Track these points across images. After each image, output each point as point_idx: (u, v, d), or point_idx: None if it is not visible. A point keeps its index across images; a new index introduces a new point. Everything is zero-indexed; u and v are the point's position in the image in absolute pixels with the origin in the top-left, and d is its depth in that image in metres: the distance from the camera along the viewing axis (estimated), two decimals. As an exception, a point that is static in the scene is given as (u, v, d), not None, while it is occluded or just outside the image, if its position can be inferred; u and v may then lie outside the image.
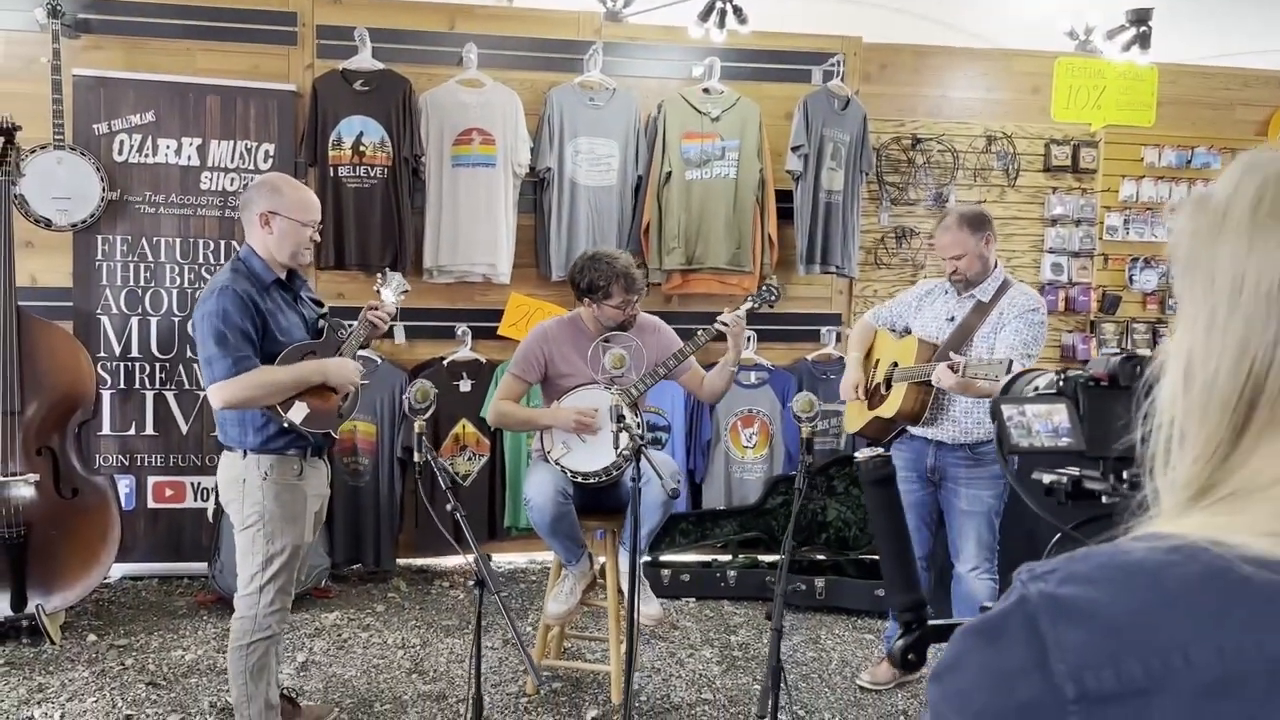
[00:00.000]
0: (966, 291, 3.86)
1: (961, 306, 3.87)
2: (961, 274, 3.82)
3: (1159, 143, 6.14)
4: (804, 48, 5.62)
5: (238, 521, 3.21)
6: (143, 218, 4.93)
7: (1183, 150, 6.17)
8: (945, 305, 3.92)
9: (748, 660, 4.40)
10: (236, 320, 3.07)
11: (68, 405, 4.38)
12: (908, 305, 4.09)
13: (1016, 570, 0.84)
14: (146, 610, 4.75)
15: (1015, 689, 0.77)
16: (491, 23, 5.35)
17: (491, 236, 5.22)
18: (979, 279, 3.84)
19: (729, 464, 5.49)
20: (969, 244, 3.79)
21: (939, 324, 3.89)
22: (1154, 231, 6.23)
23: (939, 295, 3.99)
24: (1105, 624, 0.74)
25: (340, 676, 4.12)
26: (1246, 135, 6.31)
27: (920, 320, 3.98)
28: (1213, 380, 0.81)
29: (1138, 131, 6.09)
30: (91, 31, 4.95)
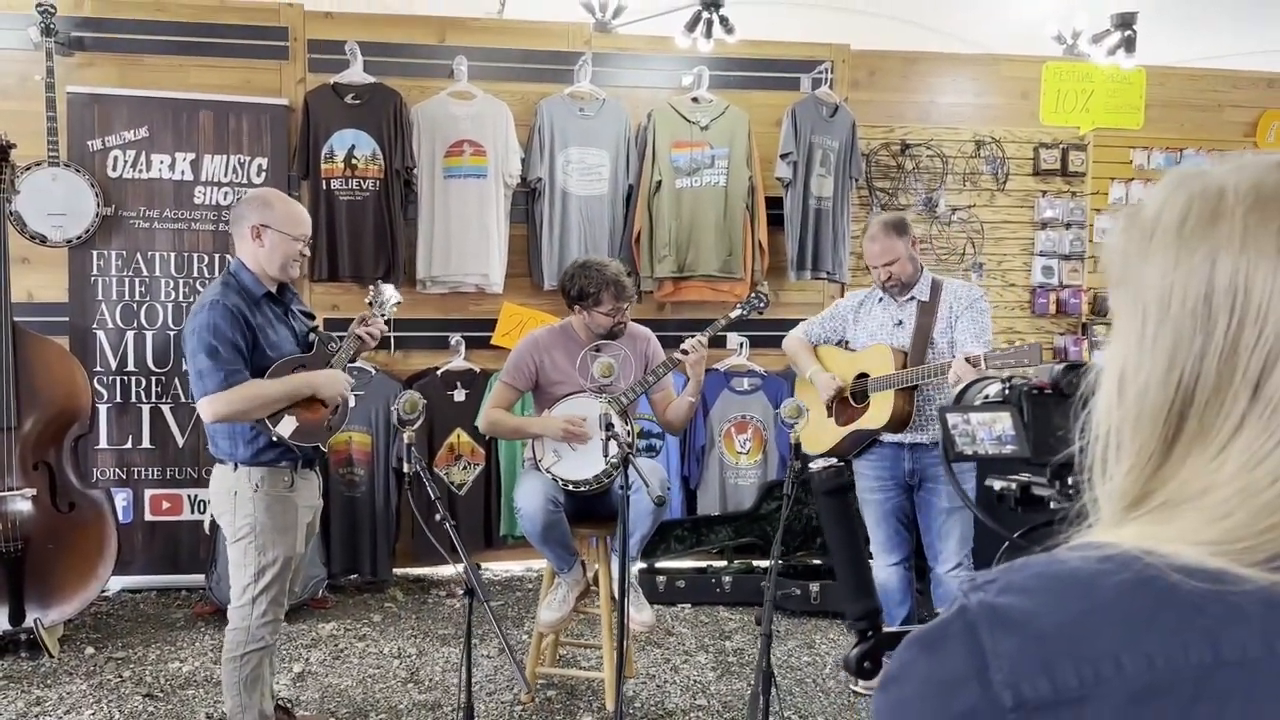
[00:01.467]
0: (903, 295, 3.91)
1: (905, 310, 3.92)
2: (896, 278, 3.88)
3: (1148, 145, 6.16)
4: (792, 56, 5.63)
5: (229, 534, 3.22)
6: (137, 232, 4.95)
7: (1171, 152, 6.18)
8: (887, 312, 3.96)
9: (742, 666, 4.40)
10: (227, 334, 3.09)
11: (64, 420, 4.38)
12: (843, 318, 4.12)
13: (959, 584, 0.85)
14: (144, 622, 4.75)
15: (955, 698, 0.78)
16: (481, 35, 5.37)
17: (484, 247, 5.23)
18: (912, 281, 3.91)
19: (723, 470, 5.50)
20: (899, 249, 3.86)
21: (887, 330, 3.93)
22: None
23: (873, 304, 4.03)
24: (1040, 633, 0.75)
25: (336, 686, 4.12)
26: (1235, 136, 6.32)
27: (862, 331, 4.03)
28: (1144, 392, 0.82)
29: (1126, 134, 6.11)
30: (85, 49, 4.98)
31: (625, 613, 3.36)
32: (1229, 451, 0.77)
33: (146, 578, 5.06)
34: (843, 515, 1.17)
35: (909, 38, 5.82)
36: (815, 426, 4.00)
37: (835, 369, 4.05)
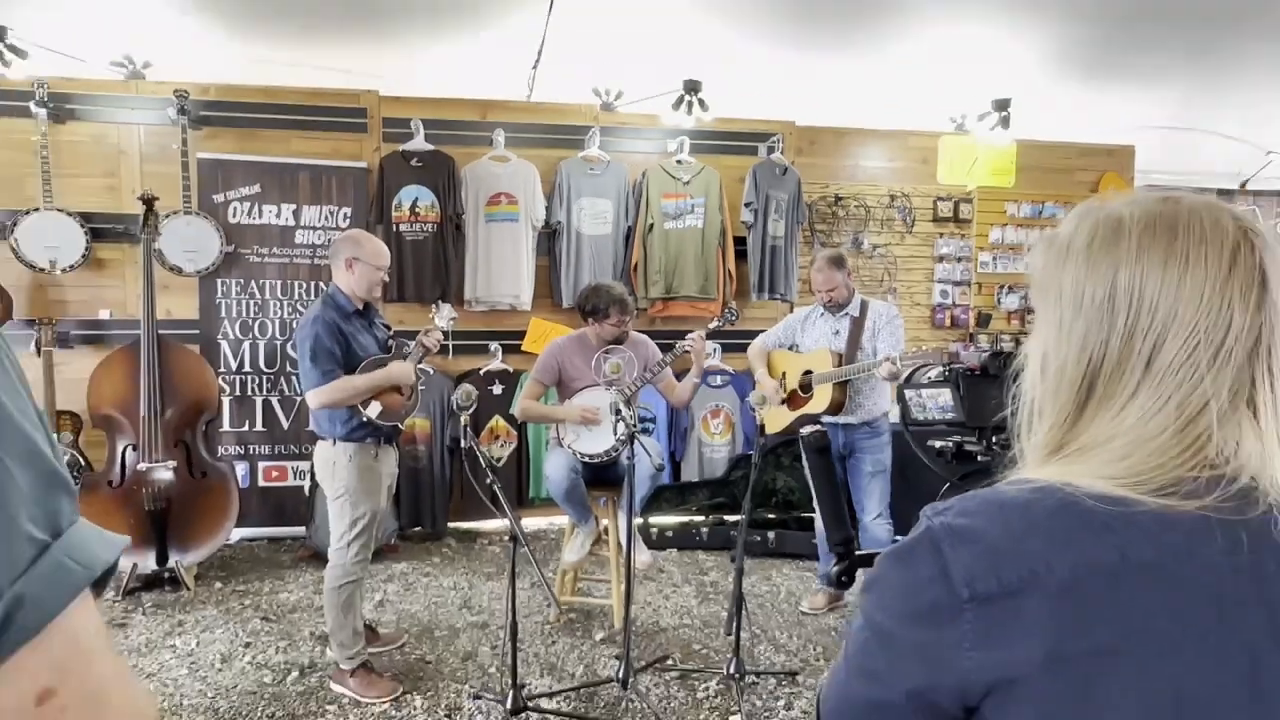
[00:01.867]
0: (840, 312, 3.97)
1: (840, 323, 3.96)
2: (834, 300, 3.94)
3: (1018, 199, 6.24)
4: (752, 129, 5.67)
5: (330, 494, 3.23)
6: (251, 265, 4.95)
7: (1035, 204, 6.27)
8: (827, 324, 4.01)
9: (717, 594, 4.42)
10: (326, 343, 3.11)
11: (197, 408, 4.39)
12: (794, 328, 4.15)
13: (922, 510, 0.87)
14: (259, 564, 4.75)
15: (924, 594, 0.80)
16: (514, 113, 5.38)
17: (516, 275, 5.25)
18: (846, 301, 3.97)
19: (701, 446, 5.51)
20: (838, 279, 3.92)
21: (828, 338, 3.97)
22: (1015, 265, 6.31)
23: (816, 318, 4.06)
24: (989, 545, 0.77)
25: (408, 611, 4.13)
26: (1082, 193, 6.34)
27: (809, 338, 4.06)
28: (1063, 369, 0.84)
29: (1001, 191, 6.16)
30: (210, 124, 4.98)
31: (631, 555, 3.37)
32: (1128, 410, 0.79)
33: (260, 529, 5.05)
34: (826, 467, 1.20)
35: (840, 115, 5.84)
36: (774, 411, 4.04)
37: (787, 367, 4.09)
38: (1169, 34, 4.82)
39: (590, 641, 3.78)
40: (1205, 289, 0.77)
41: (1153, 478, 0.77)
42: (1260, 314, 0.76)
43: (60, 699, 0.57)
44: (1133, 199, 0.84)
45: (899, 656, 0.80)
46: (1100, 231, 0.83)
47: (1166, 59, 5.17)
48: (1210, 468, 0.76)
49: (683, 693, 3.32)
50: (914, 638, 0.80)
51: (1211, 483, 0.76)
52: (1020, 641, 0.75)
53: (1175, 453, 0.76)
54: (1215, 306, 0.76)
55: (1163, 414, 0.78)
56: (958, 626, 0.78)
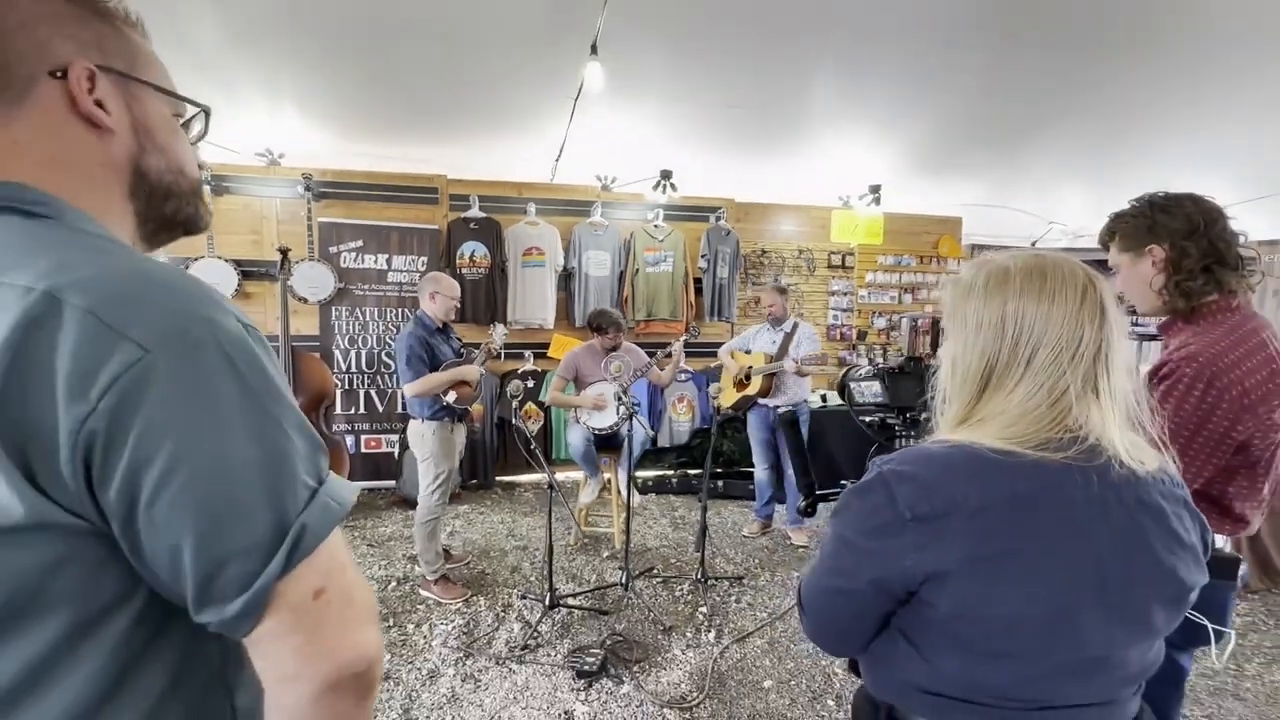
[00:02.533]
0: (778, 327, 3.99)
1: (777, 335, 3.99)
2: (775, 315, 3.97)
3: (884, 253, 6.27)
4: (705, 204, 5.66)
5: (419, 456, 3.19)
6: (356, 297, 4.85)
7: (896, 256, 6.31)
8: (769, 335, 4.03)
9: (684, 525, 4.42)
10: (418, 350, 3.08)
11: (319, 397, 4.28)
12: (748, 338, 4.16)
13: (871, 460, 0.90)
14: (362, 506, 4.66)
15: (878, 516, 0.83)
16: (542, 191, 5.33)
17: (543, 304, 5.20)
18: (784, 318, 3.99)
19: (671, 423, 5.50)
20: (780, 301, 3.97)
21: (768, 345, 4.00)
22: (883, 298, 6.35)
23: (764, 331, 4.08)
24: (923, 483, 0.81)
25: (470, 539, 4.08)
26: (927, 249, 6.43)
27: (757, 344, 4.08)
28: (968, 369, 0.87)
29: (874, 246, 6.18)
30: (327, 198, 4.89)
31: (630, 498, 3.37)
32: (1014, 394, 0.83)
33: (362, 482, 4.93)
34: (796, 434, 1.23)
35: (766, 193, 5.88)
36: (727, 392, 4.08)
37: (740, 362, 4.11)
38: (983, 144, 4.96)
39: (599, 558, 3.77)
40: (1066, 314, 0.81)
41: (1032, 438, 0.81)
42: (1101, 331, 0.80)
43: (327, 595, 0.59)
44: (1013, 254, 0.88)
45: (864, 557, 0.83)
46: (993, 276, 0.86)
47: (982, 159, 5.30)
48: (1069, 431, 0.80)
49: (665, 592, 3.33)
50: (873, 546, 0.83)
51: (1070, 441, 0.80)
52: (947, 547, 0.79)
53: (1047, 422, 0.80)
54: (1073, 326, 0.80)
55: (1038, 395, 0.81)
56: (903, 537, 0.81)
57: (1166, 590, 0.78)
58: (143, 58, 0.67)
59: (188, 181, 0.70)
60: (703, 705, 2.39)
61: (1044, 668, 0.78)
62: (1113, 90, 3.90)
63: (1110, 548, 0.78)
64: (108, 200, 0.64)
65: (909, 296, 6.39)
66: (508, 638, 2.85)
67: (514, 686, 2.49)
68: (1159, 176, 4.98)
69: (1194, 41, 3.27)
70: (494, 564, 3.67)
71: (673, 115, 4.35)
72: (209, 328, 0.56)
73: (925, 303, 6.44)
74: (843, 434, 4.71)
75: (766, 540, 4.12)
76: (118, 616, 0.56)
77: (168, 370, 0.53)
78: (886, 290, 6.33)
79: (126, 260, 0.57)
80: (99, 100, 0.62)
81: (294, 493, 0.59)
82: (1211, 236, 1.16)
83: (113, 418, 0.51)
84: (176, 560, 0.55)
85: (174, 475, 0.53)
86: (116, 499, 0.53)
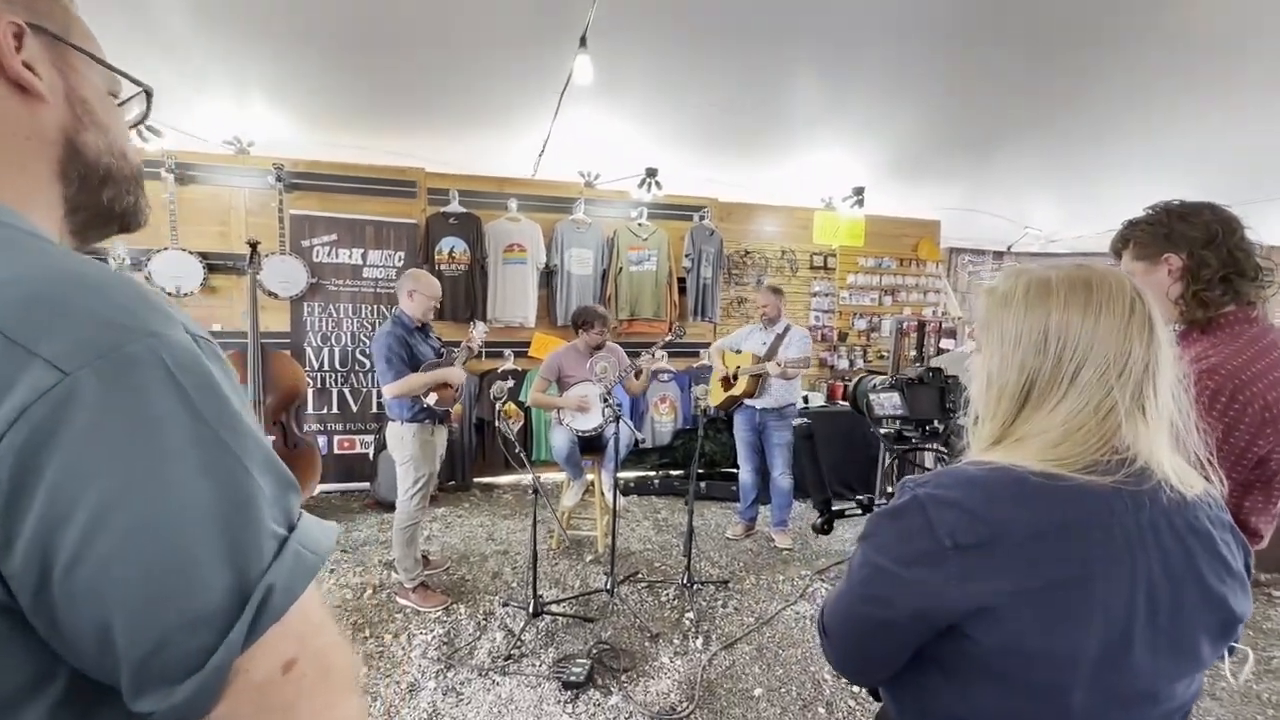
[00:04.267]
0: (770, 328, 3.93)
1: (768, 336, 3.93)
2: (768, 315, 3.91)
3: (866, 254, 6.31)
4: (690, 203, 5.62)
5: (398, 459, 3.09)
6: (330, 293, 4.70)
7: (877, 258, 6.34)
8: (761, 335, 3.97)
9: (667, 527, 4.38)
10: (396, 350, 2.98)
11: (290, 396, 4.16)
12: (739, 338, 4.11)
13: (902, 481, 0.85)
14: (335, 509, 4.52)
15: (916, 543, 0.77)
16: (524, 186, 5.24)
17: (524, 301, 5.11)
18: (776, 318, 3.92)
19: (654, 423, 5.45)
20: (774, 301, 3.91)
21: (758, 345, 3.95)
22: (864, 300, 6.38)
23: (756, 331, 4.03)
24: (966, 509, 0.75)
25: (449, 543, 3.98)
26: (907, 251, 6.48)
27: (748, 344, 4.02)
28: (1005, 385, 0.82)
29: (855, 249, 6.22)
30: (299, 189, 4.72)
31: (615, 501, 3.32)
32: (1058, 411, 0.78)
33: (336, 485, 4.79)
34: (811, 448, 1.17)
35: (749, 193, 5.86)
36: (715, 391, 4.04)
37: (728, 363, 4.06)
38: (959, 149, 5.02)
39: (582, 562, 3.71)
40: (1114, 329, 0.76)
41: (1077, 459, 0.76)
42: (1150, 349, 0.76)
43: (300, 667, 0.49)
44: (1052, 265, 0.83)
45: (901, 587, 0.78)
46: (1034, 287, 0.82)
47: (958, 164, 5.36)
48: (1116, 453, 0.76)
49: (651, 597, 3.28)
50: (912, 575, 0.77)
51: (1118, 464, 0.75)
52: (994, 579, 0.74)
53: (1094, 442, 0.76)
54: (1120, 340, 0.76)
55: (1083, 414, 0.77)
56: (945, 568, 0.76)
57: (1216, 619, 0.75)
58: (77, 26, 0.58)
59: (129, 167, 0.60)
60: (693, 716, 2.34)
61: (1090, 702, 0.74)
62: (1084, 100, 3.97)
63: (1162, 576, 0.74)
64: (32, 181, 0.54)
65: (889, 298, 6.42)
66: (490, 647, 2.76)
67: (498, 699, 2.41)
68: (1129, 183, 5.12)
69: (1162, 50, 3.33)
70: (474, 569, 3.58)
71: (658, 113, 4.30)
72: (150, 343, 0.46)
73: (905, 305, 6.48)
74: (831, 435, 4.75)
75: (750, 543, 4.09)
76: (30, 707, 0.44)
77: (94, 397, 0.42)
78: (867, 292, 6.35)
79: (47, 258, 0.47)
80: (27, 63, 0.53)
81: (258, 545, 0.48)
82: (1230, 246, 1.14)
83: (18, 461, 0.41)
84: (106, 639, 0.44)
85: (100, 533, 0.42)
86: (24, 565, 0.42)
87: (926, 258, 6.54)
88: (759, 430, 3.98)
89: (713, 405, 4.03)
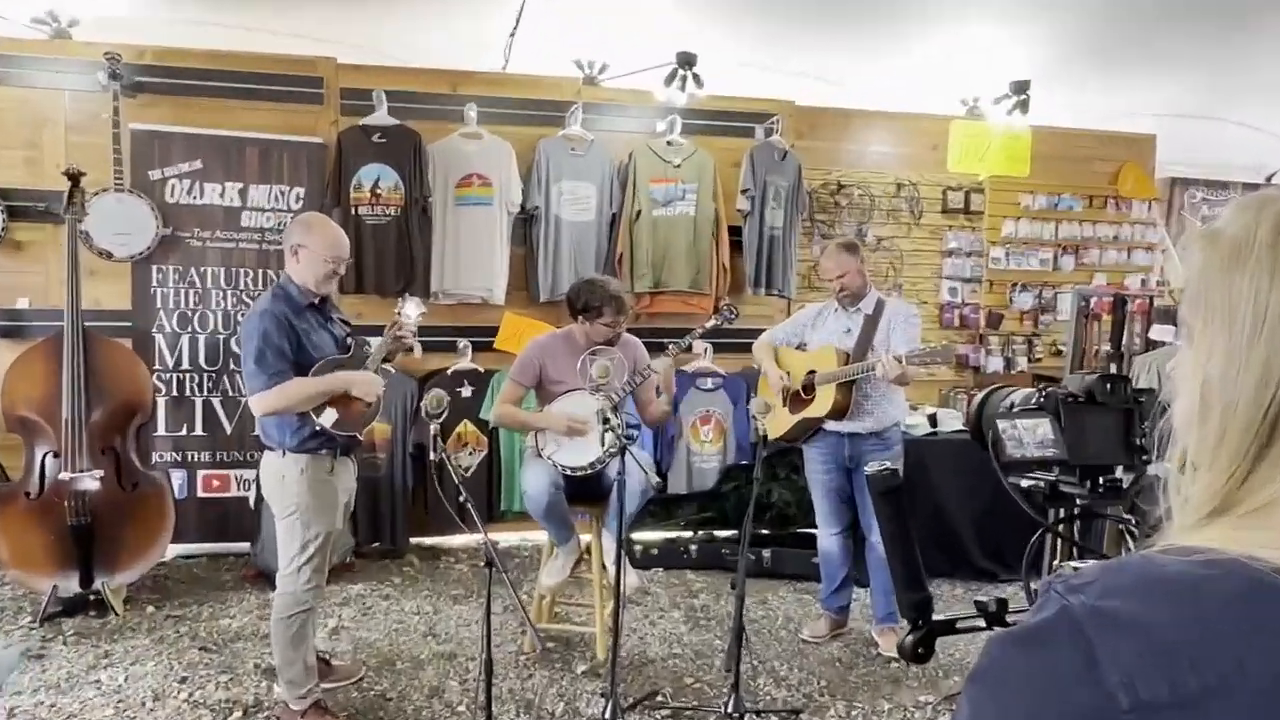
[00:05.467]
0: (853, 307, 3.87)
1: (854, 320, 3.87)
2: (847, 288, 3.84)
3: (1033, 190, 6.21)
4: (749, 109, 5.57)
5: (278, 512, 3.09)
6: (191, 250, 4.75)
7: (1051, 196, 6.26)
8: (838, 321, 3.92)
9: (709, 620, 4.33)
10: (274, 339, 2.97)
11: (128, 410, 4.21)
12: (804, 325, 4.06)
13: (1045, 580, 0.76)
14: (197, 584, 4.57)
15: (1066, 696, 0.68)
16: (488, 86, 5.23)
17: (488, 265, 5.11)
18: (861, 293, 3.87)
19: (690, 455, 5.40)
20: (849, 264, 3.84)
21: (838, 336, 3.88)
22: (1029, 262, 6.29)
23: (829, 315, 3.98)
24: (1157, 638, 0.65)
25: (366, 639, 3.98)
26: (1101, 184, 6.38)
27: (818, 336, 3.96)
28: (1233, 409, 0.72)
29: (1016, 181, 6.11)
30: (145, 91, 4.77)
31: (621, 580, 3.26)
32: None
33: (199, 545, 4.85)
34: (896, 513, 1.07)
35: (842, 96, 5.77)
36: (775, 414, 3.97)
37: (790, 367, 4.00)
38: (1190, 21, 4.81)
39: (570, 675, 3.66)
40: None
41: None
42: None
43: None
44: None
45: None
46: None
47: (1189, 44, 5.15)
48: None
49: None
50: (1057, 755, 0.68)
51: None
52: (1206, 770, 0.64)
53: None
54: None
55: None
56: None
57: None
58: None
59: None
60: None
61: None
62: None
63: None
64: None
65: (1070, 259, 6.32)
66: (417, 809, 2.73)
67: None
68: None
69: None
70: (402, 682, 3.56)
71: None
72: None
73: (1096, 270, 6.34)
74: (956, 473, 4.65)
75: (839, 648, 4.02)
76: None
77: None
78: (1035, 249, 6.25)
79: None
80: None
81: None
82: None
83: None
84: None
85: None
86: None
87: (1133, 194, 6.40)
88: (848, 468, 3.90)
89: (774, 434, 3.93)
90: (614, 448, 3.25)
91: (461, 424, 5.19)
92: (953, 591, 4.68)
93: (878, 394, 3.82)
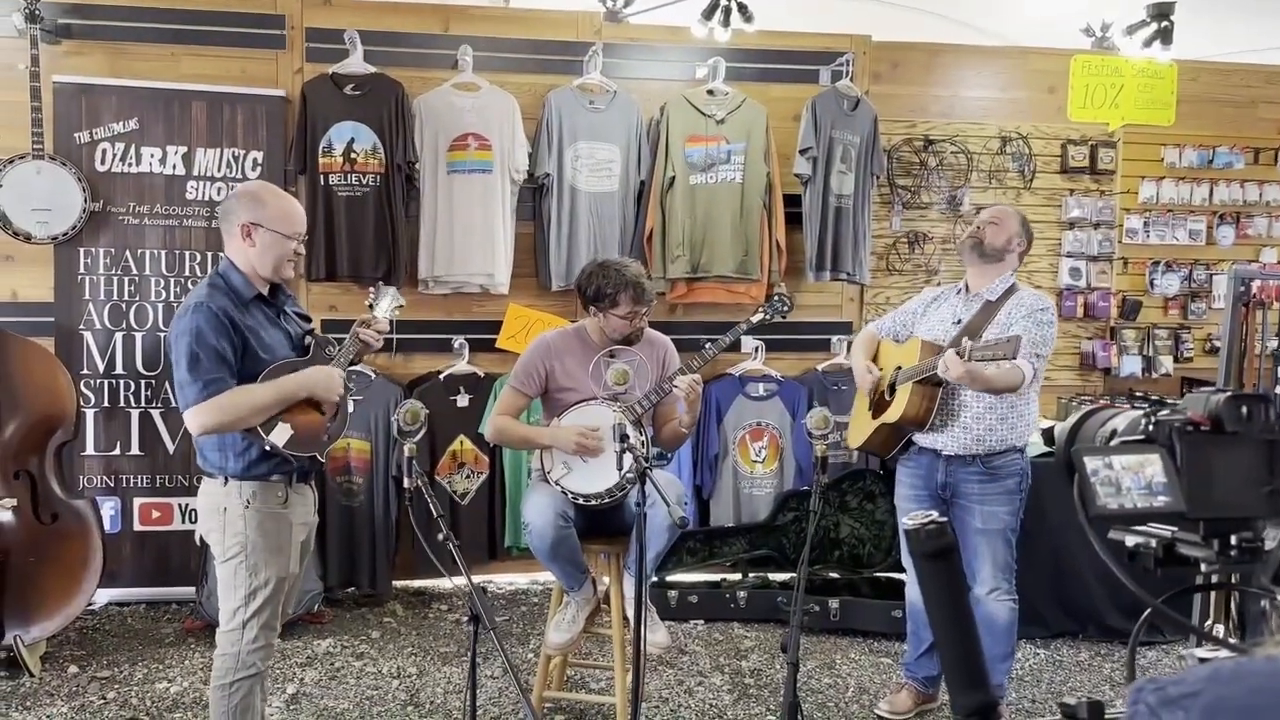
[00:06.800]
0: (980, 261, 3.80)
1: (968, 308, 3.80)
2: (982, 238, 3.79)
3: (1179, 142, 6.08)
4: (811, 47, 5.54)
5: (218, 553, 3.05)
6: (126, 229, 4.81)
7: (1204, 150, 6.11)
8: (951, 309, 3.86)
9: (760, 688, 4.27)
10: (211, 340, 2.92)
11: (46, 426, 4.24)
12: (913, 313, 4.02)
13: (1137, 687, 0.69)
14: (131, 638, 4.61)
15: None
16: (487, 24, 5.25)
17: (489, 245, 5.12)
18: (993, 258, 3.79)
19: (738, 479, 5.37)
20: (1011, 225, 3.81)
21: (945, 326, 3.81)
22: (1175, 234, 6.13)
23: (946, 300, 3.93)
24: None
25: (332, 710, 3.97)
26: (1269, 134, 6.22)
27: (925, 326, 3.90)
28: None
29: (1157, 131, 6.01)
30: (72, 37, 4.84)
31: (642, 636, 3.20)
32: None
33: (135, 590, 4.91)
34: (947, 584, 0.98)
35: (932, 29, 5.70)
36: (857, 417, 3.99)
37: (885, 362, 3.97)
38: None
39: (583, 756, 3.63)
40: None
41: None
42: None
43: None
44: None
45: None
46: None
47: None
48: None
49: (712, 835, 3.17)
50: None
51: None
52: None
53: None
54: None
55: None
56: None
57: None
58: None
59: None
60: None
61: None
62: None
63: None
64: None
65: (1229, 231, 6.20)
66: None
67: None
68: None
69: None
70: (374, 763, 3.57)
71: None
72: None
73: (1265, 243, 6.24)
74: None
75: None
76: None
77: None
78: (1184, 218, 6.14)
79: None
80: None
81: None
82: None
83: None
84: None
85: None
86: None
87: (1310, 147, 6.24)
88: (943, 498, 3.82)
89: (851, 443, 3.92)
90: (633, 472, 3.21)
91: (457, 440, 5.21)
92: (1076, 657, 4.61)
93: (981, 405, 3.68)
